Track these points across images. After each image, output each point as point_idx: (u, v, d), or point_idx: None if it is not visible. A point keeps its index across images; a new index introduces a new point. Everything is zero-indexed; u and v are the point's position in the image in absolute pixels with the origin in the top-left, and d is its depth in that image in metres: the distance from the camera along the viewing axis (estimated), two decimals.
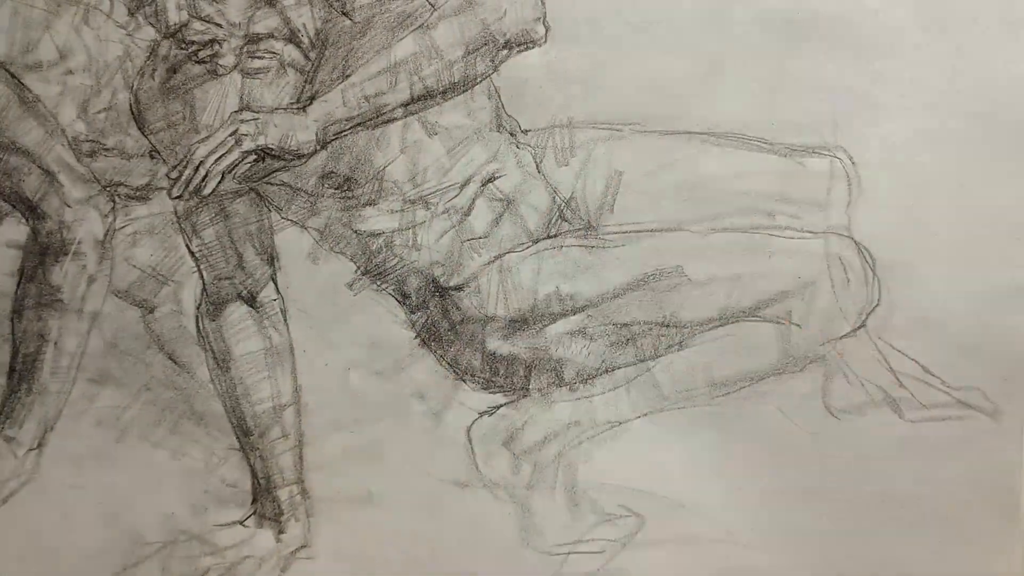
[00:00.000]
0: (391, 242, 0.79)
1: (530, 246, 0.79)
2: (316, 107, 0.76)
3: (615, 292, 0.78)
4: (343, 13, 0.77)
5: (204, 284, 0.80)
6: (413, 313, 0.80)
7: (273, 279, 0.80)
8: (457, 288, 0.79)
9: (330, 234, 0.79)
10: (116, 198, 0.79)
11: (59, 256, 0.79)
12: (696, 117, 0.78)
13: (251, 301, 0.79)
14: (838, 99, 0.77)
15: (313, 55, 0.77)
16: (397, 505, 0.79)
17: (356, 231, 0.79)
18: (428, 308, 0.79)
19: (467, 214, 0.79)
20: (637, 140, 0.78)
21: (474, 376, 0.79)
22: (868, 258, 0.77)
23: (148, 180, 0.79)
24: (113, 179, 0.79)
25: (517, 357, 0.79)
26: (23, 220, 0.79)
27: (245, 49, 0.77)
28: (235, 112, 0.76)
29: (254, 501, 0.80)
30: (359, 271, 0.79)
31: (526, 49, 0.77)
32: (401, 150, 0.78)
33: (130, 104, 0.78)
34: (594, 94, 0.78)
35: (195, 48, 0.76)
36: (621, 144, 0.78)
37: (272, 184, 0.79)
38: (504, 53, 0.77)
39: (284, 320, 0.80)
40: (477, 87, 0.78)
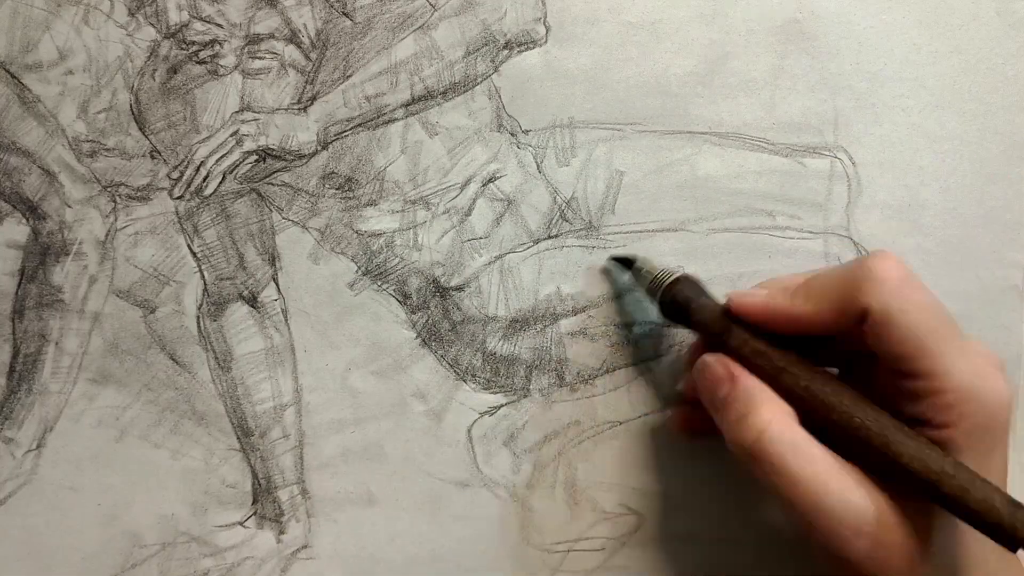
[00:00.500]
0: (392, 242, 0.79)
1: (531, 246, 0.79)
2: (317, 108, 0.76)
3: (616, 292, 0.78)
4: (344, 14, 0.77)
5: (205, 284, 0.80)
6: (414, 313, 0.80)
7: (274, 279, 0.79)
8: (458, 288, 0.79)
9: (331, 234, 0.79)
10: (117, 198, 0.79)
11: (60, 256, 0.78)
12: (697, 117, 0.78)
13: (252, 301, 0.79)
14: (838, 99, 0.78)
15: (314, 55, 0.77)
16: (397, 505, 0.79)
17: (357, 231, 0.79)
18: (429, 308, 0.79)
19: (468, 214, 0.79)
20: (638, 140, 0.78)
21: (475, 376, 0.79)
22: None
23: (149, 180, 0.78)
24: (114, 179, 0.78)
25: (518, 357, 0.79)
26: (23, 220, 0.78)
27: (246, 49, 0.77)
28: (236, 112, 0.76)
29: (254, 502, 0.80)
30: (360, 271, 0.79)
31: (527, 49, 0.77)
32: (402, 150, 0.78)
33: (130, 104, 0.78)
34: (595, 94, 0.78)
35: (196, 48, 0.76)
36: (622, 144, 0.78)
37: (273, 184, 0.79)
38: (505, 53, 0.77)
39: (285, 320, 0.79)
40: (477, 87, 0.78)
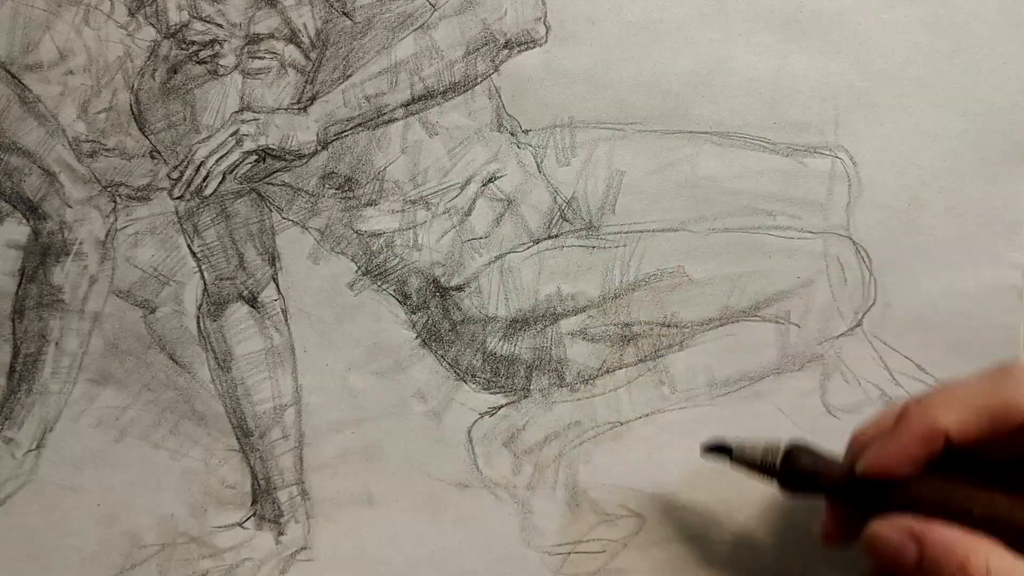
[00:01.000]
0: (392, 242, 0.79)
1: (531, 246, 0.79)
2: (317, 107, 0.76)
3: (616, 292, 0.78)
4: (344, 13, 0.77)
5: (205, 284, 0.79)
6: (414, 313, 0.80)
7: (274, 279, 0.79)
8: (458, 288, 0.79)
9: (331, 234, 0.79)
10: (117, 198, 0.79)
11: (60, 256, 0.78)
12: (697, 116, 0.78)
13: (252, 301, 0.79)
14: (839, 98, 0.78)
15: (314, 55, 0.77)
16: (397, 506, 0.79)
17: (357, 231, 0.79)
18: (429, 308, 0.79)
19: (468, 214, 0.79)
20: (638, 140, 0.78)
21: (475, 376, 0.79)
22: (865, 258, 0.78)
23: (149, 180, 0.79)
24: (114, 179, 0.78)
25: (518, 357, 0.79)
26: (24, 220, 0.78)
27: (246, 49, 0.77)
28: (236, 112, 0.76)
29: (254, 502, 0.80)
30: (360, 271, 0.79)
31: (527, 49, 0.77)
32: (402, 150, 0.78)
33: (130, 104, 0.78)
34: (595, 94, 0.78)
35: (196, 48, 0.76)
36: (622, 144, 0.78)
37: (273, 184, 0.79)
38: (505, 53, 0.77)
39: (285, 320, 0.79)
40: (478, 87, 0.78)
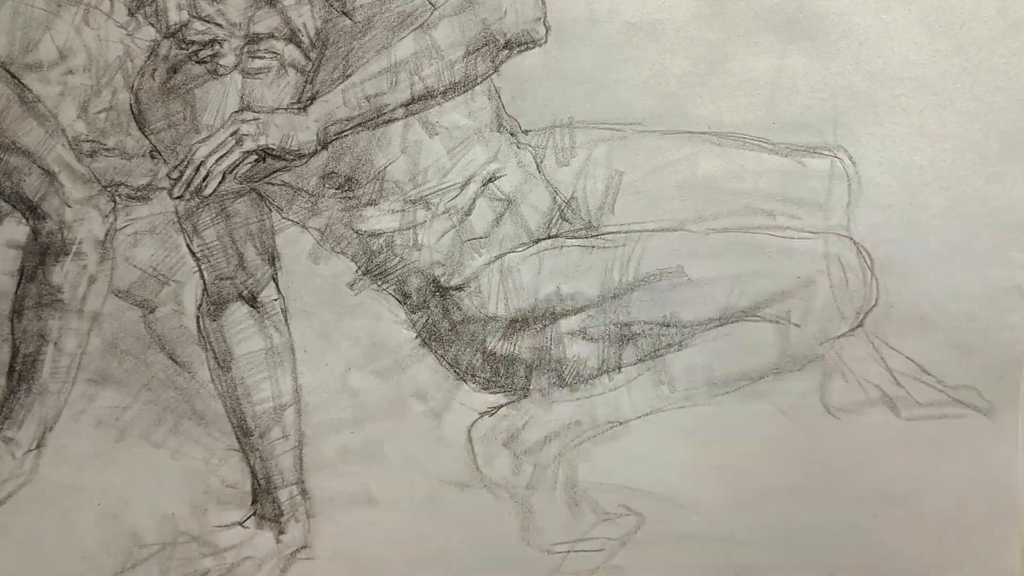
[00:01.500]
0: (392, 242, 0.79)
1: (531, 246, 0.79)
2: (317, 107, 0.76)
3: (615, 292, 0.78)
4: (343, 13, 0.77)
5: (205, 284, 0.80)
6: (414, 313, 0.80)
7: (274, 279, 0.79)
8: (458, 288, 0.79)
9: (331, 234, 0.79)
10: (117, 198, 0.79)
11: (60, 256, 0.78)
12: (696, 117, 0.78)
13: (252, 301, 0.79)
14: (839, 98, 0.78)
15: (314, 55, 0.77)
16: (397, 505, 0.79)
17: (357, 231, 0.79)
18: (429, 308, 0.79)
19: (468, 214, 0.79)
20: (638, 140, 0.78)
21: (475, 376, 0.79)
22: (866, 258, 0.78)
23: (149, 180, 0.79)
24: (114, 179, 0.78)
25: (518, 357, 0.79)
26: (23, 220, 0.79)
27: (245, 49, 0.77)
28: (236, 112, 0.76)
29: (254, 502, 0.80)
30: (360, 271, 0.79)
31: (527, 49, 0.77)
32: (402, 150, 0.78)
33: (130, 104, 0.78)
34: (595, 94, 0.78)
35: (195, 48, 0.76)
36: (622, 144, 0.78)
37: (273, 184, 0.79)
38: (505, 53, 0.77)
39: (285, 320, 0.79)
40: (478, 87, 0.78)
